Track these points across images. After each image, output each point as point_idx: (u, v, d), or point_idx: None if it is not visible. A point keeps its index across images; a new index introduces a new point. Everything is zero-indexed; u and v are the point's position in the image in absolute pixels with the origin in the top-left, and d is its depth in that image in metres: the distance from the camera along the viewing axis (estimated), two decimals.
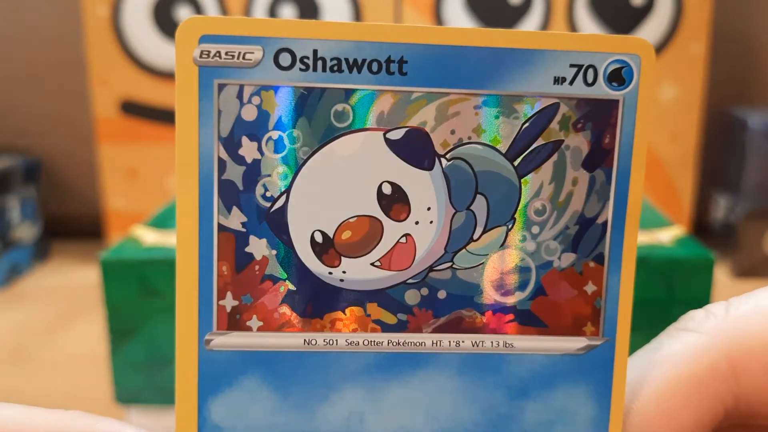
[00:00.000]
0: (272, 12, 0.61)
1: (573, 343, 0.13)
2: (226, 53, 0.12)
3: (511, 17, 0.61)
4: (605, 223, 0.13)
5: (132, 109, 0.63)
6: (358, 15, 0.61)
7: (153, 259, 0.37)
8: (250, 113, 0.12)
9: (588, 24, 0.61)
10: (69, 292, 0.60)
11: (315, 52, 0.12)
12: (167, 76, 0.62)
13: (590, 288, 0.13)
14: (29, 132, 0.72)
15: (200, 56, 0.12)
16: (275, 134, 0.12)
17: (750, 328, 0.13)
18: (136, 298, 0.37)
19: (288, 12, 0.61)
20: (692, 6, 0.59)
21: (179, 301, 0.13)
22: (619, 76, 0.12)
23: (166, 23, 0.62)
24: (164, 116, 0.63)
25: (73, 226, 0.73)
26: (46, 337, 0.51)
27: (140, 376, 0.39)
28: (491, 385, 0.13)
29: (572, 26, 0.61)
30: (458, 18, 0.61)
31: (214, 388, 0.13)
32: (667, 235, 0.38)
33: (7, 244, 0.62)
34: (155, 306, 0.37)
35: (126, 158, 0.64)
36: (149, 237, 0.40)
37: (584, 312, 0.13)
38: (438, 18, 0.62)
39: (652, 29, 0.60)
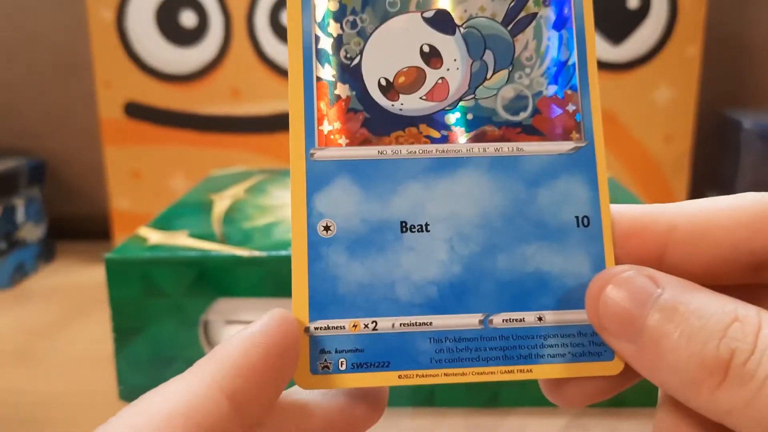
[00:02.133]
0: (274, 13, 0.62)
1: (565, 146, 0.19)
2: None
3: None
4: (574, 64, 0.19)
5: (136, 111, 0.64)
6: None
7: (158, 258, 0.38)
8: (334, 5, 0.19)
9: None
10: (74, 292, 0.60)
11: None
12: (171, 79, 0.63)
13: (571, 107, 0.19)
14: (34, 133, 0.73)
15: None
16: (351, 18, 0.19)
17: None
18: (141, 297, 0.38)
19: None
20: (687, 10, 0.60)
21: (292, 127, 0.19)
22: None
23: (169, 27, 0.62)
24: (168, 119, 0.63)
25: (78, 226, 0.73)
26: (51, 337, 0.51)
27: (145, 374, 0.39)
28: (512, 178, 0.19)
29: None
30: None
31: (317, 186, 0.18)
32: None
33: (13, 244, 0.63)
34: (160, 305, 0.38)
35: (130, 160, 0.65)
36: (154, 237, 0.40)
37: (570, 124, 0.19)
38: None
39: (647, 33, 0.61)
